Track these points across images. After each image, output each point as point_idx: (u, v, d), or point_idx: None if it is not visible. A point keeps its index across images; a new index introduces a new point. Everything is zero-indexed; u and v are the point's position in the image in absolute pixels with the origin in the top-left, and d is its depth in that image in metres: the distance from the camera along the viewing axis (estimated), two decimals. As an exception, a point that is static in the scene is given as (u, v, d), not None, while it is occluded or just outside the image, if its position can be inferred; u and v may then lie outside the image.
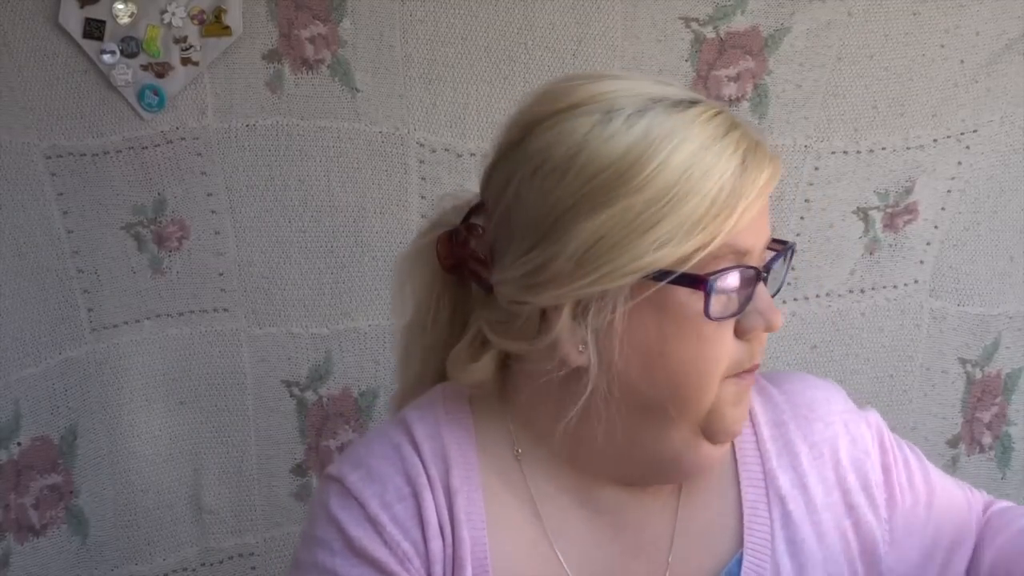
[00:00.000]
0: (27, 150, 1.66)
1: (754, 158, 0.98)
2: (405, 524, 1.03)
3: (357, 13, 1.66)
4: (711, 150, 0.97)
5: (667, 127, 0.97)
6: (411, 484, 1.04)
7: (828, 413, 1.12)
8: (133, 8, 1.63)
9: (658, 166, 0.96)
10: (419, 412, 1.10)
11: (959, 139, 1.75)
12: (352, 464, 1.07)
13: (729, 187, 0.96)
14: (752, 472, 1.10)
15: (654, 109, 0.98)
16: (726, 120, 0.99)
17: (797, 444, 1.10)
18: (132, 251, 1.72)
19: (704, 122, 0.98)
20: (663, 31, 1.68)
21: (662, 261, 0.95)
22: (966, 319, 1.83)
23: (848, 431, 1.12)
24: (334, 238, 1.73)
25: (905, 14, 1.69)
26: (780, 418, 1.12)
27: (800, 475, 1.09)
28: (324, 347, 1.76)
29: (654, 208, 0.95)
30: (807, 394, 1.13)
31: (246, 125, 1.69)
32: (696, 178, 0.96)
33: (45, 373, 1.71)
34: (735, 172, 0.96)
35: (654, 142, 0.96)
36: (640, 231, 0.95)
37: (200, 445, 1.78)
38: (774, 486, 1.09)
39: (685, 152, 0.96)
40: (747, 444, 1.11)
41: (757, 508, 1.08)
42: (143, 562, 1.79)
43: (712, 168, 0.96)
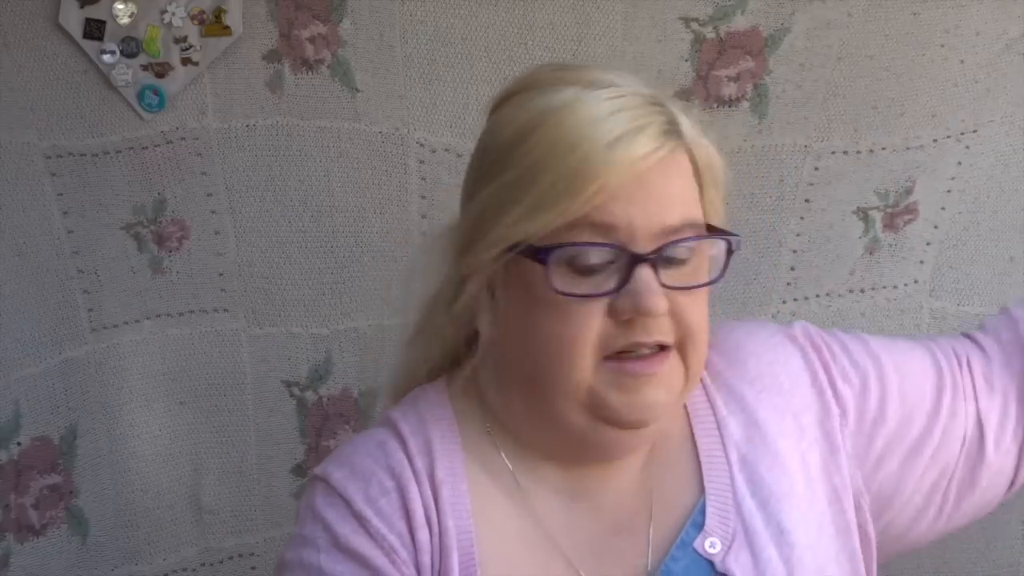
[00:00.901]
0: (27, 150, 1.66)
1: (634, 137, 1.00)
2: (390, 518, 1.05)
3: (357, 13, 1.66)
4: (586, 127, 1.00)
5: (555, 105, 1.02)
6: (395, 478, 1.07)
7: (756, 346, 1.16)
8: (133, 8, 1.63)
9: (533, 143, 1.01)
10: (402, 411, 1.13)
11: (959, 139, 1.75)
12: (337, 463, 1.10)
13: (592, 163, 0.99)
14: (705, 423, 1.13)
15: (561, 91, 1.03)
16: (624, 102, 1.02)
17: (738, 387, 1.14)
18: (132, 251, 1.72)
19: (596, 101, 1.02)
20: (663, 31, 1.68)
21: (516, 235, 1.01)
22: (966, 319, 1.82)
23: (779, 354, 1.15)
24: (334, 238, 1.73)
25: (905, 14, 1.69)
26: (715, 369, 1.15)
27: (749, 414, 1.13)
28: (324, 347, 1.76)
29: (520, 183, 1.01)
30: (731, 337, 1.17)
31: (246, 125, 1.69)
32: (559, 153, 1.00)
33: (45, 373, 1.71)
34: (604, 148, 0.99)
35: (538, 120, 1.02)
36: (506, 206, 1.02)
37: (200, 445, 1.78)
38: (727, 432, 1.12)
39: (560, 129, 1.01)
40: (697, 400, 1.14)
41: (713, 455, 1.11)
42: (143, 562, 1.79)
43: (578, 144, 1.00)
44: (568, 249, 1.00)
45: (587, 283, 1.01)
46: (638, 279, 1.01)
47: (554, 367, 1.03)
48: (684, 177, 1.05)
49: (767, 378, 1.14)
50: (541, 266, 1.01)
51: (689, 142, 1.06)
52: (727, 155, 1.76)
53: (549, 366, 1.03)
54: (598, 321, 1.01)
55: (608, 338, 1.02)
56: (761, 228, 1.76)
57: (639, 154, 1.00)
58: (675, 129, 1.04)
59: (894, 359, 1.17)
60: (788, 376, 1.14)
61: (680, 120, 1.06)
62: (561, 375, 1.03)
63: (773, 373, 1.14)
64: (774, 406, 1.13)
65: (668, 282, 1.02)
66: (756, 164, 1.73)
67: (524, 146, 1.02)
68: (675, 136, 1.04)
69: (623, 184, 1.00)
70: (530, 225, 1.00)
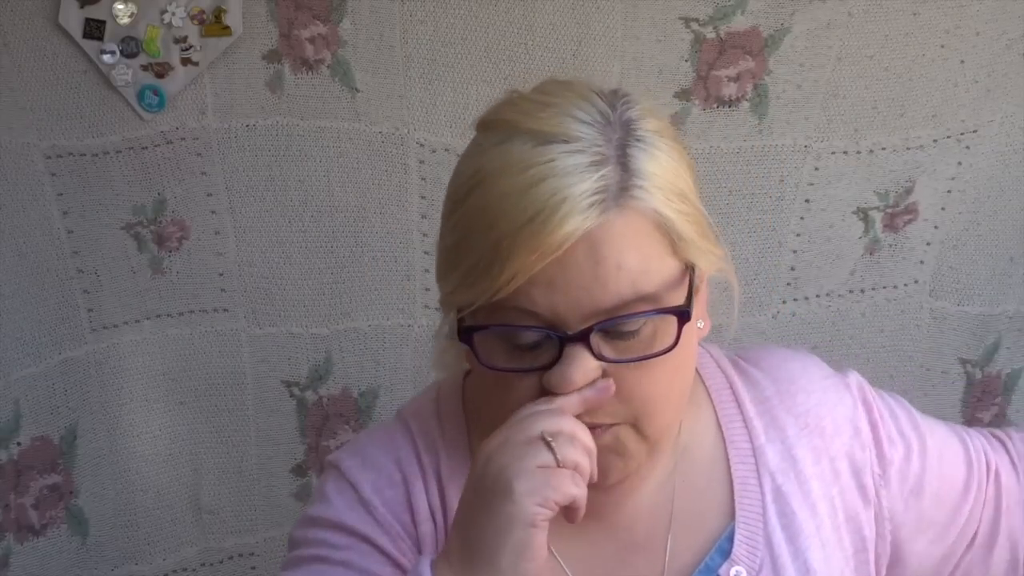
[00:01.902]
0: (27, 150, 1.66)
1: (550, 216, 0.90)
2: (395, 508, 1.05)
3: (357, 13, 1.66)
4: (504, 202, 0.92)
5: (490, 168, 0.94)
6: (402, 471, 1.06)
7: (808, 383, 1.12)
8: (133, 8, 1.63)
9: (465, 211, 0.95)
10: (416, 406, 1.12)
11: (959, 139, 1.75)
12: (350, 452, 1.10)
13: (504, 247, 0.91)
14: (741, 449, 1.09)
15: (505, 144, 0.95)
16: (553, 167, 0.92)
17: (782, 418, 1.10)
18: (132, 251, 1.72)
19: (521, 168, 0.92)
20: (663, 31, 1.68)
21: (455, 303, 0.97)
22: (966, 319, 1.83)
23: (829, 397, 1.12)
24: (334, 238, 1.73)
25: (905, 14, 1.69)
26: (763, 394, 1.11)
27: (788, 447, 1.09)
28: (324, 347, 1.76)
29: (454, 254, 0.97)
30: (785, 367, 1.13)
31: (246, 125, 1.69)
32: (480, 230, 0.93)
33: (45, 373, 1.71)
34: (517, 230, 0.91)
35: (474, 181, 0.95)
36: (447, 273, 0.98)
37: (200, 445, 1.78)
38: (763, 460, 1.08)
39: (486, 199, 0.94)
40: (734, 423, 1.10)
41: (747, 482, 1.08)
42: (143, 562, 1.79)
43: (495, 223, 0.92)
44: (495, 329, 0.95)
45: (526, 357, 0.95)
46: (566, 358, 0.94)
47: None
48: (632, 243, 0.94)
49: (812, 417, 1.11)
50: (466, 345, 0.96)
51: (645, 201, 0.94)
52: (727, 155, 1.78)
53: (495, 426, 0.98)
54: (533, 394, 0.96)
55: None
56: (761, 228, 1.76)
57: (553, 239, 0.90)
58: (618, 192, 0.93)
59: (937, 441, 1.15)
60: (833, 421, 1.11)
61: (637, 173, 0.94)
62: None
63: (819, 415, 1.11)
64: (813, 446, 1.10)
65: (613, 355, 0.95)
66: (756, 164, 1.74)
67: (460, 211, 0.96)
68: (612, 204, 0.92)
69: (543, 270, 0.91)
70: (462, 299, 0.96)
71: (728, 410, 1.11)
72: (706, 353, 1.14)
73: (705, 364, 1.14)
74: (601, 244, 0.92)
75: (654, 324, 0.95)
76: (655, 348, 0.95)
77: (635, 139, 0.96)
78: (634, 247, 0.94)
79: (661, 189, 0.95)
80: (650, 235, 0.95)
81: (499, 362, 0.96)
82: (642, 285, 0.94)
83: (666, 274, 0.96)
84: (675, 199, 0.96)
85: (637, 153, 0.95)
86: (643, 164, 0.95)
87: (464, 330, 0.96)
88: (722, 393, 1.12)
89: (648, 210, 0.94)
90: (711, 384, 1.13)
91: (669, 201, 0.95)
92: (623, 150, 0.95)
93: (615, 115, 0.97)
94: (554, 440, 0.91)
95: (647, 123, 0.98)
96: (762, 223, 1.75)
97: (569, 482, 0.91)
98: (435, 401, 1.12)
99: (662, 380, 0.98)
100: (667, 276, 0.96)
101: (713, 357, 1.14)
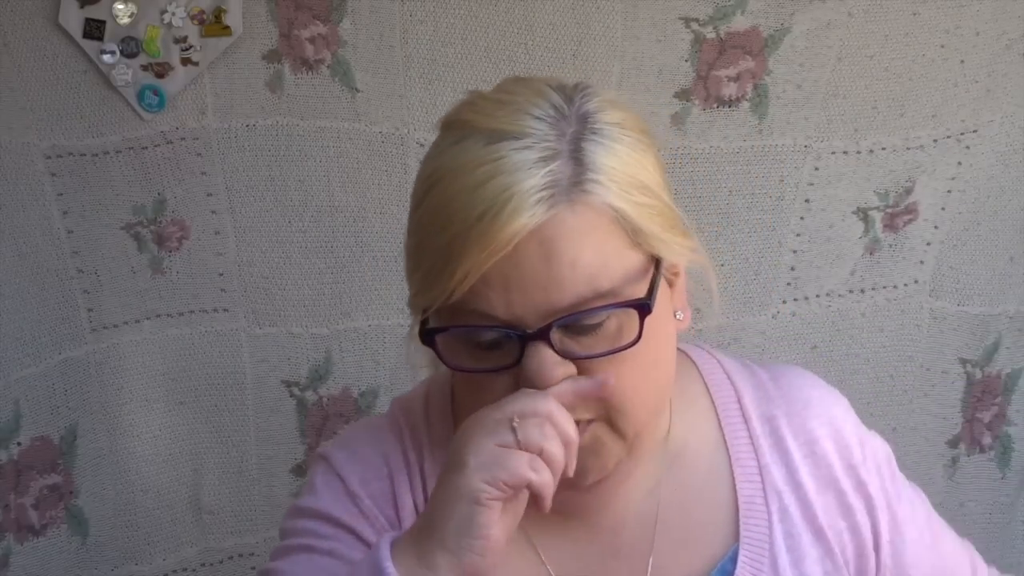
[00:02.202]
0: (27, 150, 1.66)
1: (499, 212, 0.89)
2: (380, 501, 1.04)
3: (357, 13, 1.66)
4: (456, 201, 0.91)
5: (446, 166, 0.94)
6: (388, 466, 1.06)
7: (821, 414, 1.08)
8: (133, 8, 1.63)
9: (423, 211, 0.95)
10: (407, 401, 1.12)
11: (959, 139, 1.75)
12: (340, 445, 1.10)
13: (456, 246, 0.90)
14: (747, 468, 1.06)
15: (462, 142, 0.95)
16: (504, 163, 0.91)
17: (787, 440, 1.07)
18: (132, 251, 1.72)
19: (473, 166, 0.92)
20: (663, 31, 1.68)
21: (419, 304, 0.96)
22: (966, 319, 1.83)
23: (845, 438, 1.07)
24: (334, 238, 1.73)
25: (905, 14, 1.69)
26: (771, 411, 1.08)
27: (792, 471, 1.06)
28: (324, 347, 1.76)
29: (414, 254, 0.96)
30: (805, 392, 1.09)
31: (246, 125, 1.69)
32: (436, 230, 0.92)
33: (45, 373, 1.71)
34: (467, 229, 0.90)
35: (432, 181, 0.95)
36: (410, 273, 0.97)
37: (200, 445, 1.78)
38: (770, 480, 1.05)
39: (441, 198, 0.93)
40: (739, 439, 1.07)
41: (753, 502, 1.05)
42: (143, 562, 1.79)
43: (448, 222, 0.91)
44: (454, 330, 0.94)
45: (491, 356, 0.94)
46: (530, 357, 0.92)
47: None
48: (586, 239, 0.91)
49: (819, 448, 1.07)
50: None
51: (600, 195, 0.92)
52: (727, 155, 1.79)
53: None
54: (506, 393, 0.93)
55: None
56: (761, 228, 1.76)
57: (501, 235, 0.89)
58: (569, 186, 0.91)
59: (947, 548, 1.12)
60: (841, 464, 1.07)
61: (590, 167, 0.92)
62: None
63: (825, 451, 1.07)
64: (818, 476, 1.06)
65: (576, 351, 0.93)
66: (756, 164, 1.74)
67: (419, 211, 0.96)
68: (563, 198, 0.90)
69: (495, 269, 0.90)
70: (422, 300, 0.95)
71: (734, 425, 1.08)
72: (713, 360, 1.11)
73: (711, 372, 1.11)
74: (553, 241, 0.90)
75: (618, 318, 0.93)
76: (621, 342, 0.93)
77: (591, 132, 0.94)
78: (589, 243, 0.91)
79: (617, 182, 0.93)
80: (606, 229, 0.92)
81: (464, 362, 0.95)
82: (599, 281, 0.91)
83: (627, 268, 0.93)
84: (635, 192, 0.93)
85: (591, 147, 0.93)
86: (597, 157, 0.93)
87: (426, 332, 0.95)
88: (728, 406, 1.09)
89: (602, 205, 0.92)
90: (716, 395, 1.09)
91: (626, 194, 0.93)
92: (576, 143, 0.93)
93: (572, 109, 0.95)
94: (521, 422, 0.89)
95: (607, 115, 0.96)
96: (762, 223, 1.75)
97: (524, 465, 0.89)
98: (424, 397, 1.11)
99: (635, 374, 0.94)
100: (628, 270, 0.93)
101: (723, 366, 1.11)
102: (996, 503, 1.89)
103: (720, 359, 1.11)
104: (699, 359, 1.11)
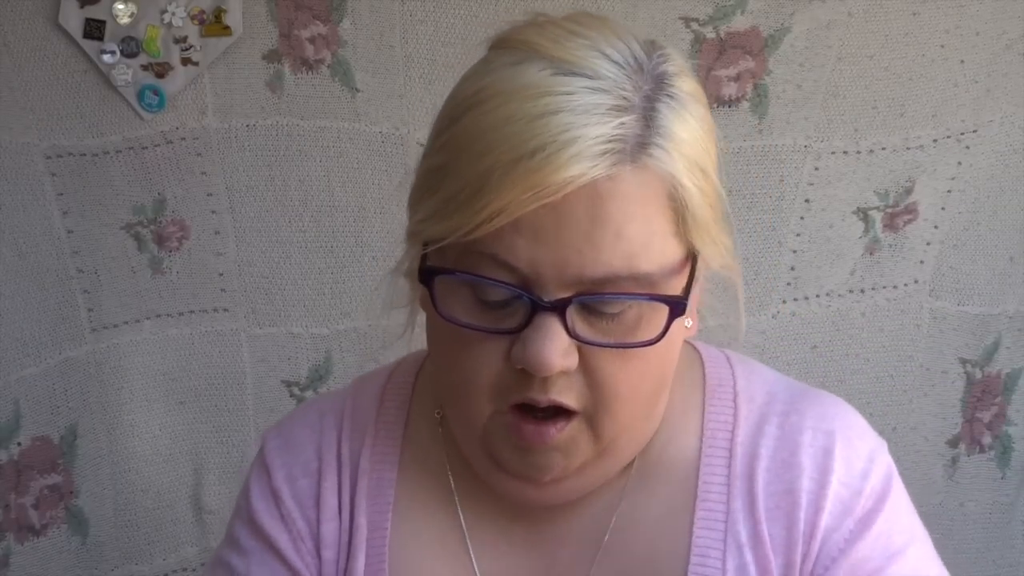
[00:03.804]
0: (27, 150, 1.66)
1: (554, 154, 0.78)
2: (304, 501, 0.97)
3: (357, 13, 1.66)
4: (502, 130, 0.80)
5: (494, 88, 0.82)
6: (319, 459, 0.98)
7: (811, 463, 0.92)
8: (133, 8, 1.63)
9: (458, 130, 0.83)
10: (368, 375, 1.04)
11: (959, 139, 1.75)
12: (278, 429, 1.02)
13: (492, 179, 0.79)
14: (712, 511, 0.92)
15: (520, 65, 0.83)
16: (570, 100, 0.80)
17: (758, 485, 0.92)
18: (132, 251, 1.72)
19: (531, 95, 0.80)
20: (663, 31, 1.68)
21: (424, 234, 0.85)
22: (966, 319, 1.83)
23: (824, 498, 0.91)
24: (334, 238, 1.73)
25: (905, 14, 1.69)
26: (757, 450, 0.93)
27: (756, 521, 0.91)
28: (324, 347, 1.76)
29: (436, 175, 0.84)
30: (806, 435, 0.93)
31: (246, 125, 1.69)
32: (472, 156, 0.80)
33: (45, 373, 1.71)
34: (510, 163, 0.78)
35: (472, 101, 0.83)
36: (423, 196, 0.86)
37: (200, 445, 1.78)
38: (734, 531, 0.91)
39: (482, 122, 0.81)
40: (714, 476, 0.93)
41: (708, 554, 0.91)
42: (143, 562, 1.79)
43: (488, 150, 0.80)
44: (461, 275, 0.83)
45: (490, 315, 0.83)
46: (536, 327, 0.81)
47: (454, 395, 0.88)
48: (640, 209, 0.81)
49: (789, 500, 0.91)
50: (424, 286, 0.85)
51: (665, 164, 0.82)
52: (727, 155, 1.78)
53: (450, 390, 0.89)
54: (496, 362, 0.83)
55: (503, 387, 0.84)
56: (761, 228, 1.76)
57: (554, 179, 0.78)
58: (636, 146, 0.81)
59: None
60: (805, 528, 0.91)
61: (661, 132, 0.82)
62: (459, 406, 0.88)
63: (795, 506, 0.91)
64: (773, 535, 0.91)
65: (587, 335, 0.83)
66: (756, 164, 1.74)
67: (452, 130, 0.84)
68: (627, 157, 0.80)
69: (532, 215, 0.79)
70: (434, 231, 0.83)
71: (715, 457, 0.94)
72: (728, 374, 0.98)
73: (717, 388, 0.97)
74: (605, 202, 0.80)
75: (640, 310, 0.83)
76: (637, 337, 0.83)
77: (667, 95, 0.84)
78: (640, 215, 0.81)
79: (685, 156, 0.83)
80: (661, 206, 0.82)
81: (459, 315, 0.84)
82: (639, 262, 0.81)
83: (667, 256, 0.83)
84: (697, 173, 0.84)
85: (666, 110, 0.83)
86: (670, 124, 0.82)
87: (426, 270, 0.85)
88: (716, 435, 0.95)
89: (666, 174, 0.82)
90: (710, 417, 0.96)
91: (690, 171, 0.83)
92: (651, 103, 0.82)
93: (649, 64, 0.84)
94: None
95: (683, 83, 0.86)
96: (762, 223, 1.75)
97: None
98: (388, 375, 1.02)
99: (636, 375, 0.85)
100: (668, 259, 0.83)
101: (735, 385, 0.97)
102: (996, 503, 1.89)
103: (739, 376, 0.97)
104: (712, 369, 0.98)
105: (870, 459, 0.92)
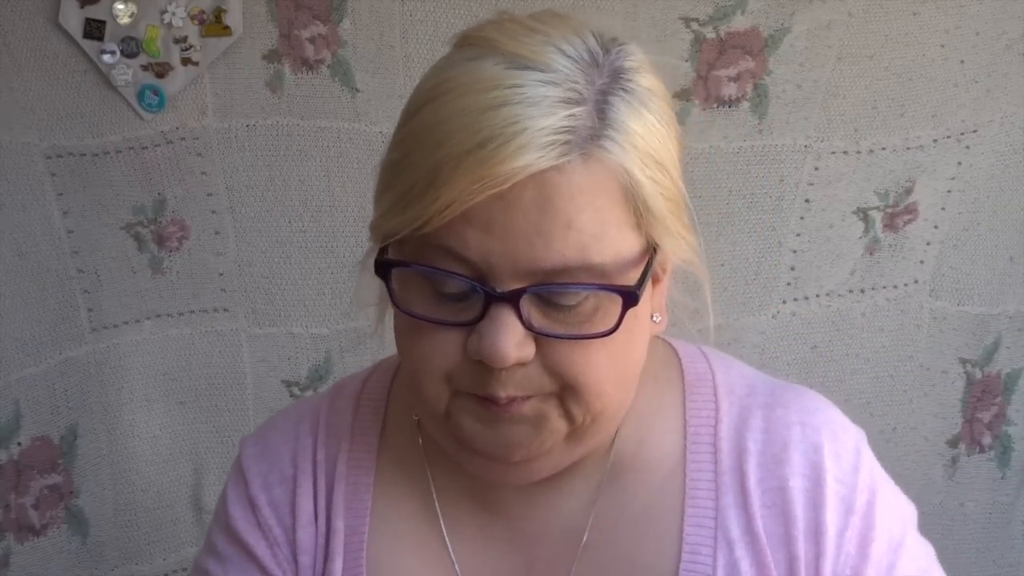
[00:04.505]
0: (27, 150, 1.66)
1: (502, 144, 0.78)
2: (280, 509, 0.98)
3: (357, 13, 1.66)
4: (454, 121, 0.80)
5: (451, 82, 0.82)
6: (295, 466, 0.99)
7: (802, 458, 0.92)
8: (133, 8, 1.63)
9: (415, 124, 0.83)
10: (346, 381, 1.04)
11: (959, 139, 1.75)
12: (257, 435, 1.04)
13: (444, 171, 0.79)
14: (702, 507, 0.92)
15: (477, 61, 0.83)
16: (519, 92, 0.80)
17: (750, 480, 0.92)
18: (132, 251, 1.72)
19: (482, 88, 0.81)
20: (663, 31, 1.68)
21: (383, 229, 0.86)
22: (966, 319, 1.83)
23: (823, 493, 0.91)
24: (334, 238, 1.73)
25: (905, 14, 1.69)
26: (744, 443, 0.93)
27: (750, 517, 0.91)
28: (324, 347, 1.76)
29: (395, 170, 0.85)
30: (793, 429, 0.93)
31: (246, 125, 1.69)
32: (426, 148, 0.81)
33: (45, 373, 1.71)
34: (461, 154, 0.79)
35: (430, 95, 0.83)
36: (382, 191, 0.87)
37: (200, 445, 1.79)
38: (724, 527, 0.91)
39: (437, 115, 0.81)
40: (702, 472, 0.93)
41: (699, 551, 0.90)
42: (143, 562, 1.79)
43: (442, 142, 0.80)
44: (415, 267, 0.83)
45: (447, 308, 0.83)
46: (491, 319, 0.81)
47: (416, 386, 0.87)
48: (590, 200, 0.81)
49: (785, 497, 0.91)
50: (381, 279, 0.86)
51: (616, 156, 0.81)
52: (727, 155, 1.78)
53: (412, 381, 0.88)
54: (453, 352, 0.83)
55: (460, 377, 0.84)
56: (761, 228, 1.76)
57: (501, 169, 0.78)
58: (586, 138, 0.80)
59: None
60: (805, 525, 0.91)
61: (613, 124, 0.82)
62: (420, 393, 0.87)
63: (791, 502, 0.91)
64: (772, 533, 0.91)
65: (543, 326, 0.82)
66: (756, 164, 1.74)
67: (409, 125, 0.84)
68: (576, 149, 0.80)
69: (483, 206, 0.79)
70: (390, 225, 0.84)
71: (700, 454, 0.94)
72: (706, 368, 0.98)
73: (696, 383, 0.97)
74: (554, 193, 0.80)
75: (597, 301, 0.82)
76: (593, 328, 0.83)
77: (622, 89, 0.83)
78: (591, 206, 0.80)
79: (638, 149, 0.82)
80: (613, 197, 0.81)
81: (417, 308, 0.84)
82: (591, 253, 0.81)
83: (623, 248, 0.82)
84: (652, 166, 0.83)
85: (619, 104, 0.83)
86: (624, 116, 0.82)
87: (382, 263, 0.86)
88: (700, 430, 0.94)
89: (617, 166, 0.81)
90: (692, 411, 0.95)
91: (644, 165, 0.82)
92: (604, 96, 0.82)
93: (606, 59, 0.85)
94: None
95: (642, 77, 0.85)
96: (762, 223, 1.75)
97: None
98: (364, 379, 1.03)
99: (599, 365, 0.84)
100: (623, 251, 0.82)
101: (714, 379, 0.97)
102: (996, 503, 1.89)
103: (717, 370, 0.97)
104: (689, 365, 0.98)
105: (856, 451, 0.93)
